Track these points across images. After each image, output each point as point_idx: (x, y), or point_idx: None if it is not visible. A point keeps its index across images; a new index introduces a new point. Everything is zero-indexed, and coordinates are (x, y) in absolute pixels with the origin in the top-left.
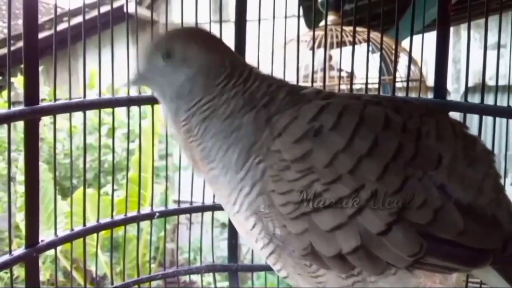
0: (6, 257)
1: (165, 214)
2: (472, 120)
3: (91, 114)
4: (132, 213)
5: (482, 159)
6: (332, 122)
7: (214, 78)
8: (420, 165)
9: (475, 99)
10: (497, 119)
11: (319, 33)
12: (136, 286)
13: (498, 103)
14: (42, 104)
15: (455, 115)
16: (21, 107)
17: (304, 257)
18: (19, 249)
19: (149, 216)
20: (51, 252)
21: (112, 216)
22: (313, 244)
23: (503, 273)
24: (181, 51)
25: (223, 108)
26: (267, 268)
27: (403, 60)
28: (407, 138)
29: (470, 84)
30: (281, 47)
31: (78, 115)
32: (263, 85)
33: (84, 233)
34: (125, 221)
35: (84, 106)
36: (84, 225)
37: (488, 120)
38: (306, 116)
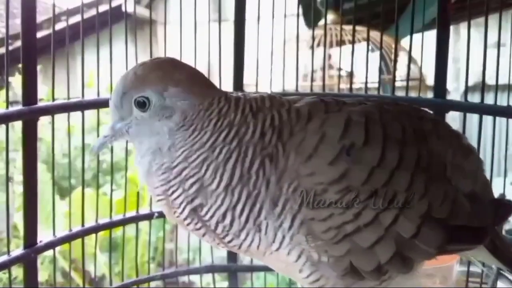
0: (4, 258)
1: None
2: (472, 120)
3: (90, 113)
4: (130, 213)
5: (472, 151)
6: (362, 138)
7: (202, 127)
8: (433, 168)
9: (475, 98)
10: (497, 118)
11: (319, 32)
12: (135, 286)
13: (498, 103)
14: (40, 104)
15: (455, 115)
16: (19, 107)
17: (343, 276)
18: (17, 250)
19: (148, 216)
20: (49, 252)
21: (110, 216)
22: (353, 263)
23: (491, 249)
24: (158, 96)
25: (225, 179)
26: (266, 269)
27: (402, 59)
28: (419, 142)
29: (470, 83)
30: (280, 46)
31: (76, 115)
32: (262, 123)
33: (82, 234)
34: (124, 221)
35: (82, 106)
36: (83, 225)
37: (488, 119)
38: (334, 134)
